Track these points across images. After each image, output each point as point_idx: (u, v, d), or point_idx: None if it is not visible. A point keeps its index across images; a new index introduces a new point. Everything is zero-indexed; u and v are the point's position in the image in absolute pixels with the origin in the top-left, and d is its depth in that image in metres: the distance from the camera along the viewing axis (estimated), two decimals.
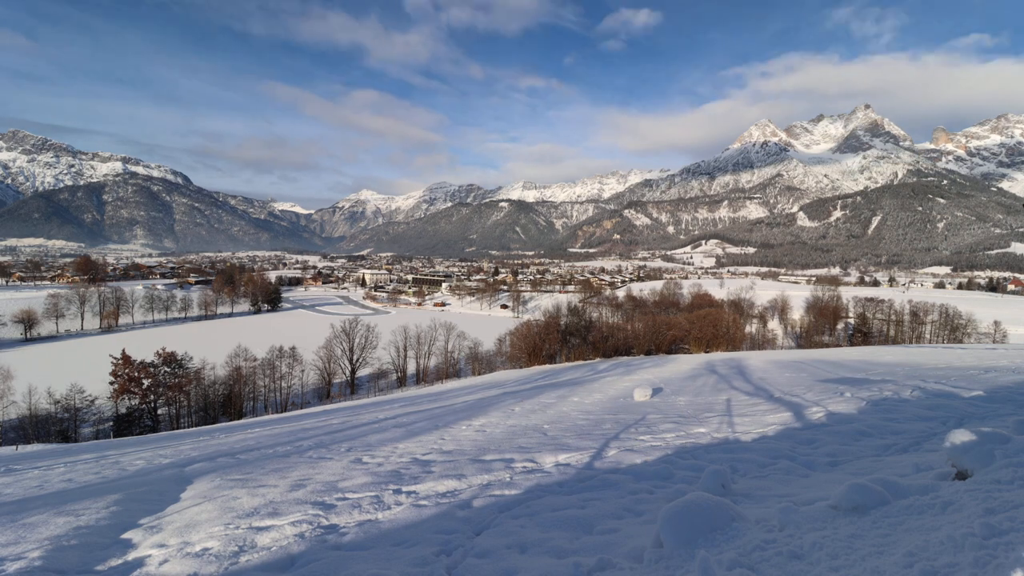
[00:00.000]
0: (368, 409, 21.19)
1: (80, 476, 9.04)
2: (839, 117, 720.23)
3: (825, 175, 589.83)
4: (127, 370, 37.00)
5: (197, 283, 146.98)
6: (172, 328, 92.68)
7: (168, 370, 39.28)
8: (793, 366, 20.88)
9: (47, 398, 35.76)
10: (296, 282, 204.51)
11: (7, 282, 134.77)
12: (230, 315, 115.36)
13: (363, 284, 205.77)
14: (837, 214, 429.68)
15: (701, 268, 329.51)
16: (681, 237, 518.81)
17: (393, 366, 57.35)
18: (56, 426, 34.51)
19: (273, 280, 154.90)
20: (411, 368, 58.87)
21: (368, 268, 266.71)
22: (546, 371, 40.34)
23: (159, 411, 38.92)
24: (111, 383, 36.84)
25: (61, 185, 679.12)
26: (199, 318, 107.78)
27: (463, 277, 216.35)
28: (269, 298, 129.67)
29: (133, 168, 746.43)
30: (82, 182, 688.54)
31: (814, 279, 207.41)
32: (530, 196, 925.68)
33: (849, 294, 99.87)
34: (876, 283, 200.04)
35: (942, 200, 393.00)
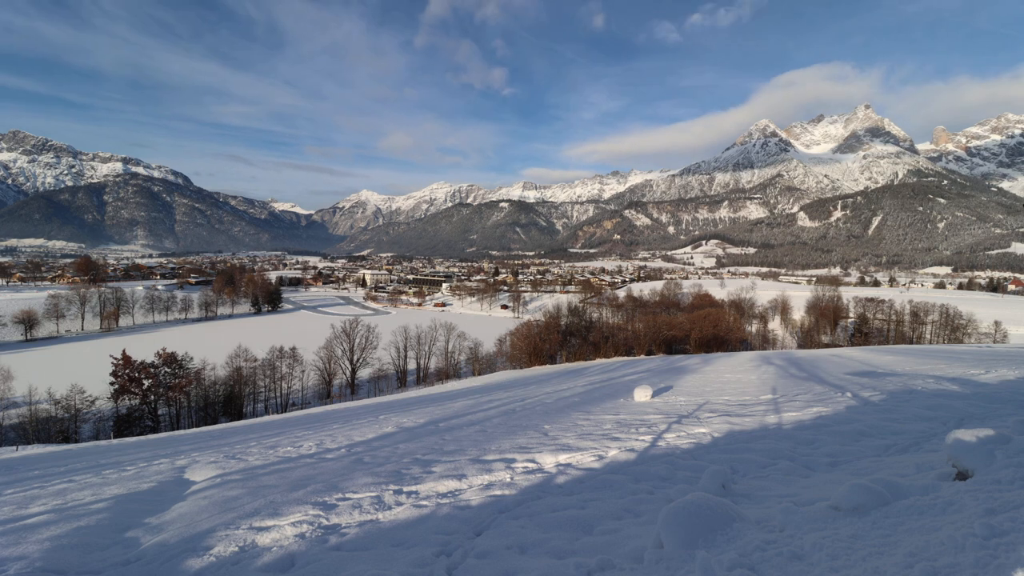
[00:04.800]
0: (370, 411, 21.20)
1: (82, 476, 9.05)
2: (839, 117, 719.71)
3: (825, 175, 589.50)
4: (127, 370, 37.06)
5: (198, 283, 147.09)
6: (172, 329, 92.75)
7: (168, 370, 39.32)
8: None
9: (48, 399, 35.80)
10: (297, 282, 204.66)
11: (7, 282, 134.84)
12: (231, 316, 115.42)
13: (363, 284, 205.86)
14: (837, 214, 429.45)
15: (701, 268, 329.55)
16: (681, 237, 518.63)
17: (394, 367, 57.34)
18: (57, 426, 34.54)
19: (274, 280, 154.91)
20: (412, 368, 58.88)
21: (368, 268, 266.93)
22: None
23: (159, 411, 38.95)
24: (111, 383, 36.90)
25: (62, 185, 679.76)
26: (199, 319, 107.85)
27: (463, 277, 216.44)
28: (270, 299, 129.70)
29: (134, 168, 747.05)
30: (83, 182, 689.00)
31: (814, 279, 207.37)
32: (530, 196, 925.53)
33: (849, 294, 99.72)
34: (876, 283, 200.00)
35: (942, 200, 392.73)
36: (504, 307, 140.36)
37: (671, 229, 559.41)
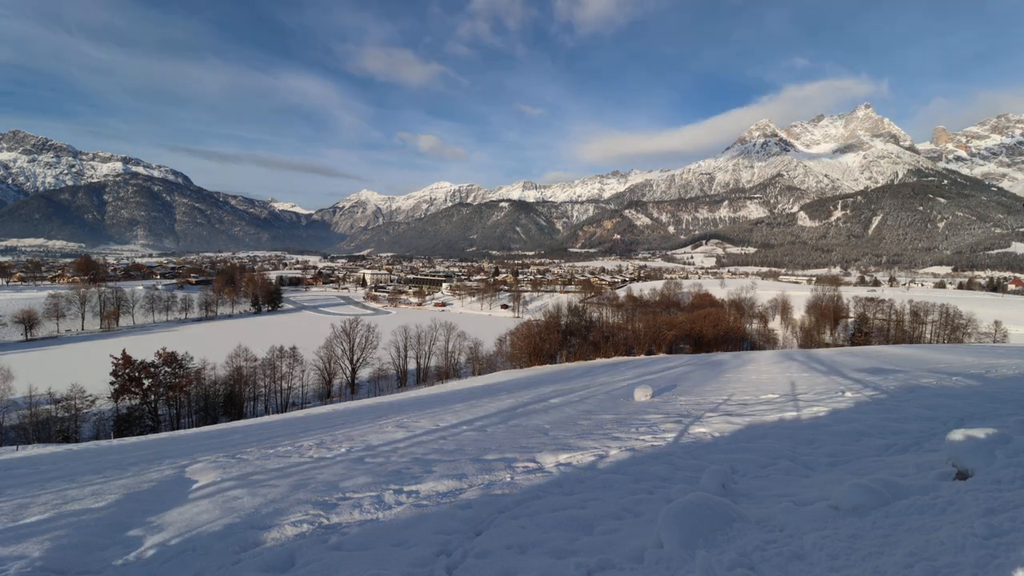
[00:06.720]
0: (371, 410, 21.20)
1: (82, 476, 9.05)
2: (839, 117, 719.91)
3: (825, 175, 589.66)
4: (127, 370, 37.08)
5: (198, 283, 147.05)
6: (173, 329, 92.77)
7: (168, 370, 39.32)
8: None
9: (48, 398, 35.80)
10: (297, 282, 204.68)
11: (7, 282, 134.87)
12: (231, 316, 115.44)
13: (364, 284, 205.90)
14: (838, 214, 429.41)
15: (702, 268, 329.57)
16: (681, 237, 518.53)
17: (394, 366, 57.35)
18: (57, 426, 34.53)
19: (274, 280, 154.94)
20: (412, 368, 58.87)
21: (369, 268, 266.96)
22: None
23: (159, 411, 38.96)
24: (111, 383, 36.91)
25: (62, 185, 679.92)
26: (200, 319, 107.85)
27: (463, 277, 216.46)
28: (270, 298, 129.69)
29: (134, 168, 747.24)
30: (83, 182, 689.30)
31: (815, 279, 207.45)
32: (530, 196, 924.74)
33: (850, 294, 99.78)
34: (877, 283, 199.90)
35: (943, 200, 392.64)
36: (504, 307, 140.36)
37: (671, 229, 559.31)
